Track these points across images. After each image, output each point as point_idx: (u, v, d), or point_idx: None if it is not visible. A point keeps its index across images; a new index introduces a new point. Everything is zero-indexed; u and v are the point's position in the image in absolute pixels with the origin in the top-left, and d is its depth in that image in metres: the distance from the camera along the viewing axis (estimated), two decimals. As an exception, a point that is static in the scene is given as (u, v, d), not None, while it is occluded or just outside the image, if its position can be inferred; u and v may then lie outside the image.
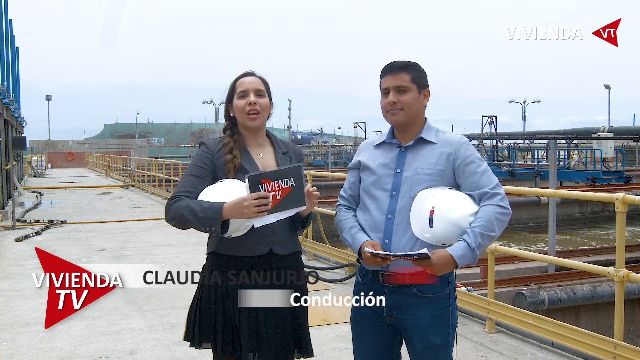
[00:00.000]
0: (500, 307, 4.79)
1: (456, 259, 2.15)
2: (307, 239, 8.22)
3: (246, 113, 2.43)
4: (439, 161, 2.33)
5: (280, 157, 2.51)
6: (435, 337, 2.31)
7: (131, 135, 67.12)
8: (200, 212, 2.23)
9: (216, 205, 2.23)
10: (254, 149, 2.50)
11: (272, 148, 2.54)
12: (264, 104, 2.47)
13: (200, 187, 2.36)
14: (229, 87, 2.51)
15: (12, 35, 22.80)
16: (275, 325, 2.34)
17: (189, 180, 2.40)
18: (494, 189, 2.28)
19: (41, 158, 41.01)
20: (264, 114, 2.48)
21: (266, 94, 2.49)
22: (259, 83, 2.48)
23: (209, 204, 2.25)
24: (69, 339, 4.68)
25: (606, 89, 48.41)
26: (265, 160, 2.49)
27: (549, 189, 10.79)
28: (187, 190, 2.36)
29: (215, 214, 2.21)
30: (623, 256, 3.98)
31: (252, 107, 2.43)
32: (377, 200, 2.35)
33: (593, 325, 9.82)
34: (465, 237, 2.18)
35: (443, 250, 2.16)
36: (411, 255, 2.13)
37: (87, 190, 21.08)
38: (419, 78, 2.37)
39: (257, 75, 2.51)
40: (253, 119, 2.44)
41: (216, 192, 2.31)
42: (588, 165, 25.19)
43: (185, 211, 2.26)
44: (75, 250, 8.86)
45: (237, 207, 2.20)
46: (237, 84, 2.48)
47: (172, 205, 2.31)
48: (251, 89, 2.45)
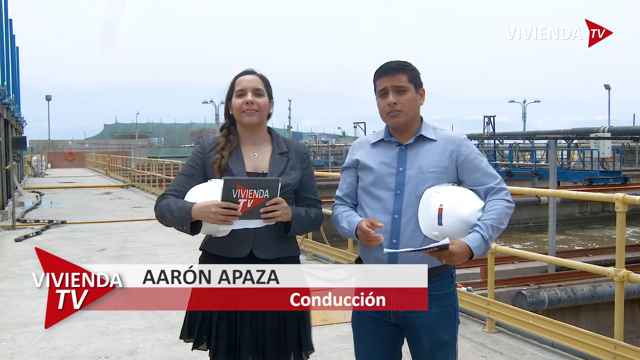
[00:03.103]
0: (500, 307, 4.79)
1: (473, 250, 2.16)
2: (307, 239, 8.22)
3: (242, 111, 2.43)
4: (442, 158, 2.33)
5: (276, 158, 2.47)
6: (444, 334, 2.32)
7: (131, 135, 67.09)
8: (175, 211, 2.30)
9: (187, 206, 2.28)
10: (250, 148, 2.48)
11: (270, 147, 2.50)
12: (263, 103, 2.45)
13: (188, 186, 2.40)
14: (228, 84, 2.50)
15: (12, 35, 22.79)
16: (256, 330, 2.33)
17: (178, 179, 2.46)
18: (499, 184, 2.31)
19: (41, 158, 40.97)
20: (262, 113, 2.45)
21: (265, 92, 2.47)
22: (258, 82, 2.46)
23: (183, 203, 2.30)
24: (69, 339, 4.68)
25: (606, 89, 48.41)
26: (259, 161, 2.46)
27: (549, 189, 10.80)
28: (175, 189, 2.42)
29: (185, 214, 2.27)
30: (623, 256, 3.98)
31: (249, 106, 2.42)
32: (380, 200, 2.34)
33: (593, 325, 9.82)
34: (479, 229, 2.19)
35: (461, 241, 2.17)
36: (431, 248, 2.13)
37: (87, 190, 21.07)
38: (415, 78, 2.36)
39: (257, 73, 2.49)
40: (249, 114, 2.42)
41: (197, 191, 2.35)
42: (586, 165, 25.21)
43: (165, 209, 2.33)
44: (75, 250, 8.86)
45: (204, 211, 2.23)
46: (237, 82, 2.47)
47: (158, 203, 2.39)
48: (249, 87, 2.43)
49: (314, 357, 2.49)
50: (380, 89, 2.36)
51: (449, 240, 2.12)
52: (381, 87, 2.35)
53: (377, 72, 2.38)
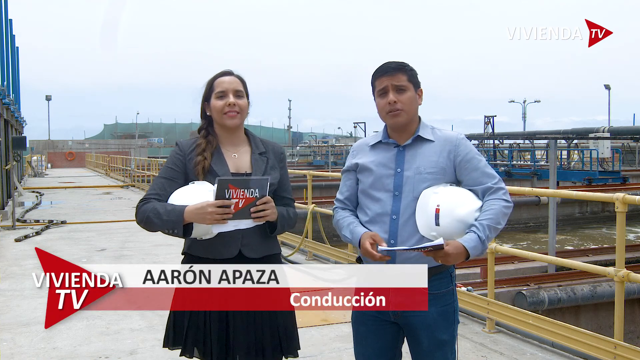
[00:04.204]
0: (500, 307, 4.79)
1: (469, 250, 2.16)
2: (307, 239, 8.22)
3: (224, 113, 2.41)
4: (440, 159, 2.33)
5: (256, 158, 2.46)
6: (443, 334, 2.32)
7: (131, 135, 67.11)
8: (164, 214, 2.27)
9: (178, 209, 2.25)
10: (229, 149, 2.46)
11: (249, 148, 2.50)
12: (243, 105, 2.44)
13: (170, 189, 2.37)
14: (205, 85, 2.47)
15: (12, 35, 22.79)
16: (247, 329, 2.33)
17: (159, 182, 2.41)
18: (497, 184, 2.31)
19: (41, 158, 41.00)
20: (243, 114, 2.44)
21: (244, 94, 2.46)
22: (238, 83, 2.44)
23: (172, 206, 2.28)
24: (69, 339, 4.68)
25: (606, 89, 48.43)
26: (239, 162, 2.45)
27: (549, 189, 10.79)
28: (157, 193, 2.37)
29: (177, 217, 2.24)
30: (623, 256, 3.98)
31: (231, 108, 2.40)
32: (379, 201, 2.34)
33: (593, 325, 9.82)
34: (475, 230, 2.20)
35: (456, 241, 2.17)
36: (425, 247, 2.13)
37: (87, 190, 21.09)
38: (414, 77, 2.37)
39: (235, 74, 2.47)
40: (231, 117, 2.41)
41: (184, 194, 2.32)
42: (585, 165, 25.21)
43: (151, 213, 2.29)
44: (75, 250, 8.86)
45: (199, 212, 2.22)
46: (216, 84, 2.44)
47: (140, 208, 2.35)
48: (230, 89, 2.41)
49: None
50: (380, 88, 2.35)
51: (443, 240, 2.12)
52: (381, 87, 2.35)
53: (376, 72, 2.37)
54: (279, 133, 73.89)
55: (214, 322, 2.33)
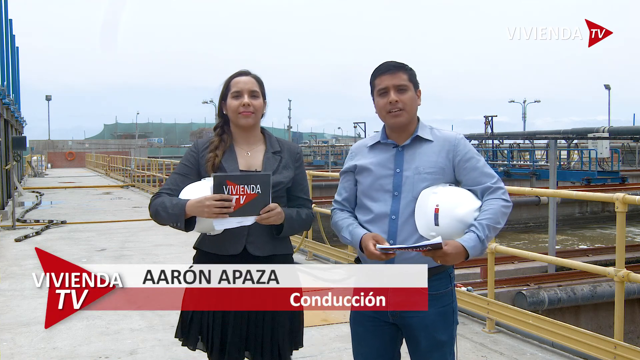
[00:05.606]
0: (500, 307, 4.79)
1: (468, 250, 2.15)
2: (307, 239, 8.23)
3: (239, 112, 2.44)
4: (439, 159, 2.33)
5: (269, 157, 2.49)
6: (441, 334, 2.32)
7: (131, 135, 67.10)
8: (170, 208, 2.33)
9: (181, 203, 2.31)
10: (243, 147, 2.50)
11: (264, 147, 2.53)
12: (258, 105, 2.47)
13: (182, 184, 2.43)
14: (223, 84, 2.51)
15: (12, 35, 22.79)
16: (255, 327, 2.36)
17: (173, 178, 2.50)
18: (496, 184, 2.31)
19: (41, 158, 41.00)
20: (257, 114, 2.48)
21: (260, 94, 2.49)
22: (253, 83, 2.47)
23: (177, 200, 2.34)
24: (69, 339, 4.68)
25: (606, 89, 48.43)
26: (252, 160, 2.48)
27: (549, 189, 10.79)
28: (169, 188, 2.45)
29: (180, 210, 2.30)
30: (623, 256, 3.98)
31: (246, 108, 2.44)
32: (378, 202, 2.34)
33: (593, 325, 9.82)
34: (474, 230, 2.19)
35: (455, 241, 2.17)
36: (424, 246, 2.13)
37: (87, 190, 21.08)
38: (413, 77, 2.37)
39: (252, 74, 2.50)
40: (246, 116, 2.44)
41: (191, 189, 2.38)
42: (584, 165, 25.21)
43: (159, 207, 2.36)
44: (75, 250, 8.86)
45: (198, 206, 2.25)
46: (232, 84, 2.48)
47: (152, 202, 2.42)
48: (246, 89, 2.45)
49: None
50: (380, 88, 2.34)
51: (441, 240, 2.12)
52: (381, 86, 2.34)
53: (375, 72, 2.37)
54: (279, 133, 73.88)
55: (230, 318, 2.37)
